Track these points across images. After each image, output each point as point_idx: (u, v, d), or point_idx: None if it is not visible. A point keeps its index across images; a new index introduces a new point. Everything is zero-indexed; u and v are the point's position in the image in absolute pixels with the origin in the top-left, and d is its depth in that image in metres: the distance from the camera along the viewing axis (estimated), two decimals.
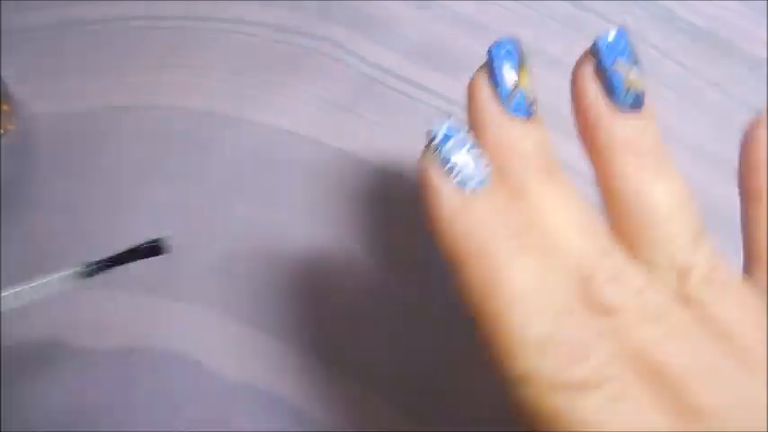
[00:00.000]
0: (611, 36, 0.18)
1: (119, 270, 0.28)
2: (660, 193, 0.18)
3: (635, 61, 0.18)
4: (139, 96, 0.29)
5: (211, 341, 0.27)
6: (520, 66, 0.18)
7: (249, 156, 0.28)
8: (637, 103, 0.18)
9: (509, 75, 0.18)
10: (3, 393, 0.26)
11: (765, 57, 0.29)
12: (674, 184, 0.18)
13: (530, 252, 0.16)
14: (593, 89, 0.18)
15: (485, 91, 0.18)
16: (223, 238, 0.27)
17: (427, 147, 0.18)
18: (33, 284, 0.21)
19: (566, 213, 0.17)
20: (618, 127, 0.18)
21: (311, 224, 0.27)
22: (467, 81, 0.30)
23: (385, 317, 0.26)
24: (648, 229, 0.18)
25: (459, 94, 0.29)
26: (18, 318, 0.27)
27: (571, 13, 0.29)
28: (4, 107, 0.29)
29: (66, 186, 0.29)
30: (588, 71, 0.18)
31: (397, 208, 0.27)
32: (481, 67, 0.19)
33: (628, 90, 0.18)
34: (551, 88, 0.29)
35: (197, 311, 0.27)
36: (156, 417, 0.26)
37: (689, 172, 0.27)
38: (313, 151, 0.28)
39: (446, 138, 0.17)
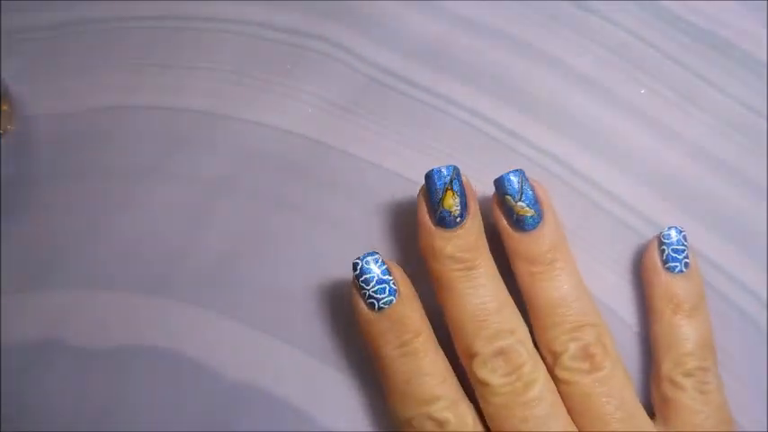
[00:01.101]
0: (502, 179, 0.24)
1: (119, 270, 0.28)
2: (548, 290, 0.24)
3: (520, 195, 0.24)
4: (140, 96, 0.29)
5: (211, 341, 0.27)
6: (445, 189, 0.24)
7: (249, 156, 0.28)
8: (524, 223, 0.24)
9: (436, 196, 0.24)
10: (3, 393, 0.26)
11: (765, 57, 0.29)
12: (561, 283, 0.24)
13: (409, 357, 0.23)
14: (498, 217, 0.25)
15: (421, 205, 0.24)
16: (223, 239, 0.27)
17: (353, 273, 0.24)
18: None
19: (468, 304, 0.23)
20: (515, 243, 0.24)
21: (311, 224, 0.27)
22: (467, 81, 0.30)
23: None
24: (540, 321, 0.24)
25: (459, 94, 0.29)
26: (18, 318, 0.27)
27: (571, 13, 0.29)
28: (4, 107, 0.29)
29: (66, 186, 0.29)
30: (494, 205, 0.25)
31: (397, 208, 0.27)
32: (422, 187, 0.24)
33: (517, 217, 0.24)
34: (550, 89, 0.29)
35: (197, 311, 0.27)
36: (156, 417, 0.26)
37: (689, 172, 0.27)
38: (313, 151, 0.28)
39: (363, 270, 0.24)
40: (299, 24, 0.30)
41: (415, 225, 0.24)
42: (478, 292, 0.23)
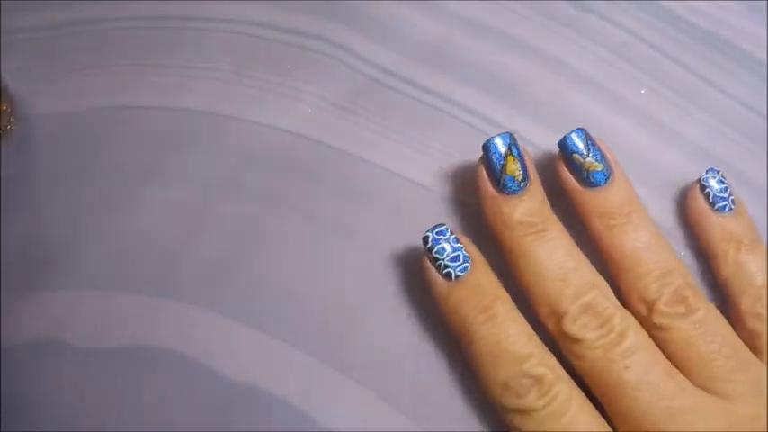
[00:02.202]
0: (567, 138, 0.25)
1: (119, 270, 0.28)
2: (629, 242, 0.24)
3: (588, 151, 0.24)
4: (139, 96, 0.29)
5: (211, 341, 0.27)
6: (506, 155, 0.24)
7: (249, 156, 0.28)
8: (595, 179, 0.24)
9: (498, 163, 0.24)
10: (3, 393, 0.26)
11: (765, 57, 0.29)
12: (640, 233, 0.24)
13: (494, 321, 0.23)
14: (567, 177, 0.25)
15: (482, 176, 0.24)
16: (222, 239, 0.27)
17: (424, 247, 0.24)
18: None
19: (546, 266, 0.24)
20: (589, 200, 0.24)
21: (311, 224, 0.27)
22: (467, 81, 0.30)
23: (385, 316, 0.26)
24: (625, 272, 0.24)
25: (459, 94, 0.29)
26: (18, 318, 0.27)
27: (571, 13, 0.29)
28: (4, 107, 0.29)
29: (66, 186, 0.29)
30: (561, 166, 0.25)
31: (397, 208, 0.27)
32: (481, 158, 0.25)
33: (587, 173, 0.24)
34: (550, 89, 0.29)
35: (197, 311, 0.27)
36: (155, 417, 0.26)
37: (688, 173, 0.27)
38: (313, 151, 0.28)
39: (436, 240, 0.24)
40: (299, 24, 0.30)
41: (417, 225, 0.24)
42: (555, 254, 0.24)
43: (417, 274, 0.25)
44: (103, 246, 0.28)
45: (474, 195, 0.26)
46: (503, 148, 0.24)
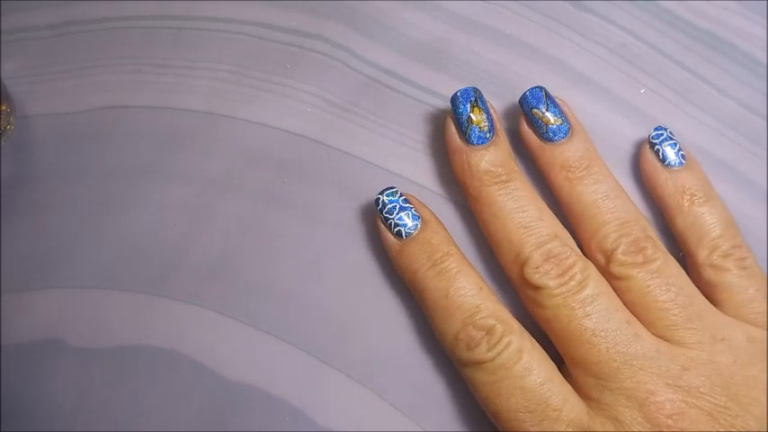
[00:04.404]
0: (526, 95, 0.26)
1: (119, 270, 0.28)
2: (588, 194, 0.24)
3: (547, 106, 0.25)
4: (139, 96, 0.29)
5: (211, 341, 0.27)
6: (472, 107, 0.25)
7: (249, 156, 0.28)
8: (555, 133, 0.25)
9: (464, 115, 0.25)
10: (3, 393, 0.26)
11: (765, 57, 0.29)
12: (600, 185, 0.25)
13: (443, 275, 0.24)
14: (528, 133, 0.26)
15: (450, 128, 0.25)
16: (222, 238, 0.28)
17: (376, 209, 0.25)
18: None
19: (510, 215, 0.24)
20: (549, 154, 0.25)
21: (311, 224, 0.27)
22: (467, 81, 0.30)
23: (385, 317, 0.26)
24: (584, 224, 0.24)
25: None
26: (18, 318, 0.27)
27: (571, 13, 0.29)
28: (4, 107, 0.29)
29: (66, 186, 0.29)
30: (522, 123, 0.26)
31: None
32: (448, 114, 0.25)
33: (546, 128, 0.25)
34: (550, 89, 0.29)
35: (197, 311, 0.27)
36: (155, 417, 0.26)
37: None
38: (312, 151, 0.28)
39: (386, 203, 0.25)
40: (298, 24, 0.30)
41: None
42: (519, 203, 0.24)
43: None
44: (103, 245, 0.28)
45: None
46: (469, 100, 0.25)
